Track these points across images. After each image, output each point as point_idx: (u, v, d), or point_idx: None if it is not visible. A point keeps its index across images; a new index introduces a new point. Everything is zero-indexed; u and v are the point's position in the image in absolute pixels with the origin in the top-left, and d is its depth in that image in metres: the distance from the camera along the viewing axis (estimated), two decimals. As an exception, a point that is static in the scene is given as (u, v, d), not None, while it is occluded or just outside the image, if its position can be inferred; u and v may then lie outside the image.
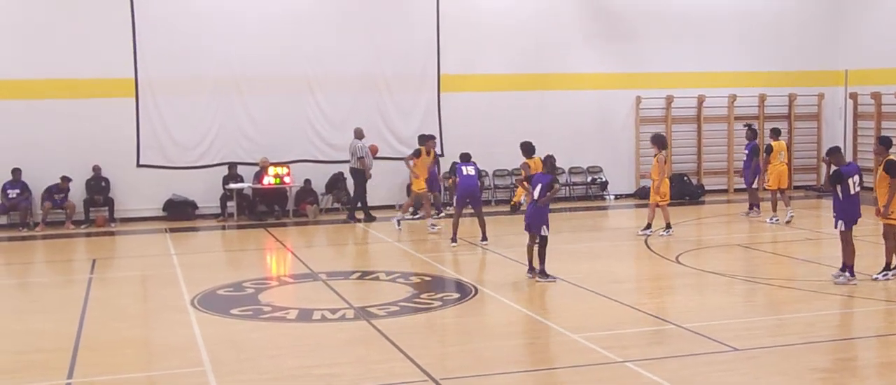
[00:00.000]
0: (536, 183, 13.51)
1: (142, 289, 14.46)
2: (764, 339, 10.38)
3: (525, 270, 13.73)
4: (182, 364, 9.73)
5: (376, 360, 9.65)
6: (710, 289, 13.35)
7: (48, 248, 18.88)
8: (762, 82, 25.30)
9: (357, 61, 22.32)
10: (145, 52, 21.09)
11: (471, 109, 23.14)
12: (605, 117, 24.00)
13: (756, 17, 25.04)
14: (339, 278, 14.14)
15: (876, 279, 12.91)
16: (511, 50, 23.44)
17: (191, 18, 21.31)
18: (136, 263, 16.83)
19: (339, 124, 22.38)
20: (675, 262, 15.02)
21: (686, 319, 10.91)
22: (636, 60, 24.36)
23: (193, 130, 21.61)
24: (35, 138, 20.66)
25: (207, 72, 21.44)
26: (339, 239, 19.54)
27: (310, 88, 22.22)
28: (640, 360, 9.37)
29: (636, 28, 24.28)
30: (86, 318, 11.77)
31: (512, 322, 11.49)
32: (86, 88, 20.92)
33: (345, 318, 11.47)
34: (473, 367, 9.42)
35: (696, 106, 24.94)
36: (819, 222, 20.37)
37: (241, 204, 21.49)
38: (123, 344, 10.69)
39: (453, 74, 23.03)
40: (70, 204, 20.65)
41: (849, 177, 12.72)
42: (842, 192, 12.73)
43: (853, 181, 12.72)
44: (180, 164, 21.53)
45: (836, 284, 12.68)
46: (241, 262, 17.03)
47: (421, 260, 15.74)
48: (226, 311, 11.96)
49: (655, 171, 17.58)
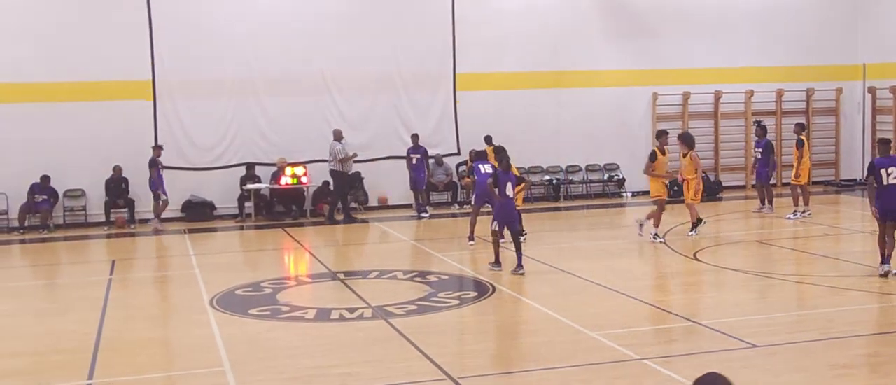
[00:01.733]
0: (505, 182, 13.78)
1: (161, 289, 14.54)
2: (783, 335, 10.33)
3: (537, 266, 13.73)
4: (201, 364, 9.78)
5: (394, 360, 9.66)
6: (729, 285, 13.31)
7: (69, 250, 19.02)
8: (779, 77, 25.17)
9: (373, 61, 22.36)
10: (163, 54, 21.20)
11: (487, 108, 23.13)
12: (622, 114, 23.95)
13: (773, 11, 24.91)
14: (357, 278, 14.18)
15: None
16: (527, 48, 23.42)
17: (208, 20, 21.41)
18: (155, 264, 16.93)
19: (357, 124, 22.43)
20: (693, 258, 14.98)
21: (705, 316, 10.89)
22: (653, 57, 24.29)
23: (211, 132, 21.70)
24: (55, 141, 20.81)
25: (225, 73, 21.54)
26: (357, 238, 19.58)
27: (327, 89, 22.28)
28: (658, 357, 9.35)
29: (652, 24, 24.21)
30: (106, 318, 11.85)
31: (530, 320, 11.49)
32: (105, 91, 21.05)
33: (363, 318, 11.50)
34: (492, 365, 9.43)
35: (713, 102, 24.85)
36: (838, 218, 20.27)
37: (259, 204, 21.57)
38: (143, 344, 10.76)
39: (469, 73, 23.04)
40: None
41: (882, 168, 12.78)
42: (877, 183, 12.80)
43: (887, 172, 12.76)
44: (198, 165, 21.63)
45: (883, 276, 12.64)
46: (259, 262, 17.09)
47: (438, 259, 15.75)
48: (244, 311, 12.01)
49: (689, 171, 17.03)
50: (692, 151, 17.08)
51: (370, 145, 22.54)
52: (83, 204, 21.24)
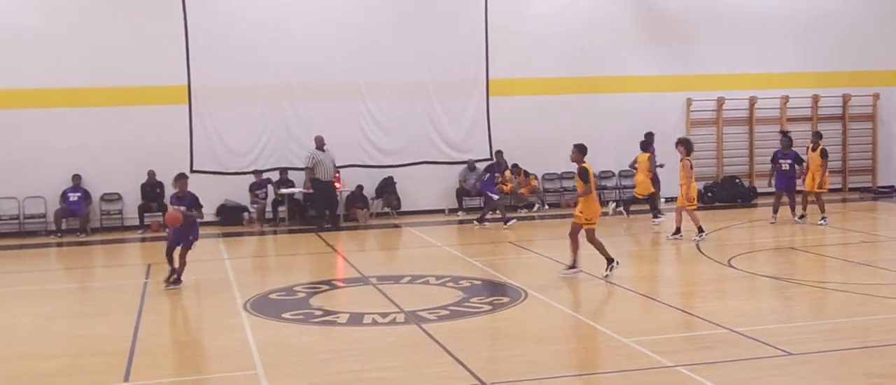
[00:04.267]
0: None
1: (195, 293, 14.64)
2: (818, 343, 10.23)
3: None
4: (235, 367, 9.85)
5: (427, 365, 9.67)
6: (763, 292, 13.20)
7: (105, 254, 19.23)
8: (815, 83, 24.96)
9: (407, 67, 22.44)
10: (198, 59, 21.41)
11: (520, 114, 23.12)
12: (655, 120, 23.82)
13: (809, 16, 24.73)
14: (390, 282, 14.21)
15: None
16: (560, 53, 23.40)
17: (243, 26, 21.60)
18: (189, 268, 16.97)
19: (390, 129, 22.54)
20: (726, 265, 14.87)
21: (738, 323, 10.80)
22: (687, 62, 24.18)
23: (246, 136, 21.87)
24: (92, 144, 21.10)
25: (259, 78, 21.71)
26: (390, 243, 19.63)
27: (360, 94, 22.38)
28: (691, 364, 9.29)
29: (687, 29, 24.10)
30: (141, 321, 11.97)
31: (562, 326, 11.46)
32: (141, 96, 21.31)
33: (395, 322, 11.52)
34: (524, 371, 9.41)
35: (748, 107, 24.67)
36: (875, 225, 20.05)
37: (292, 209, 21.69)
38: (178, 347, 10.86)
39: (502, 78, 23.05)
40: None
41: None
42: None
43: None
44: (233, 169, 21.80)
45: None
46: (292, 266, 17.17)
47: (470, 264, 15.75)
48: (277, 315, 12.08)
49: (683, 176, 17.31)
50: (688, 157, 17.18)
51: (403, 150, 22.64)
52: (119, 208, 21.48)
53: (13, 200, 21.06)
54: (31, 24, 20.90)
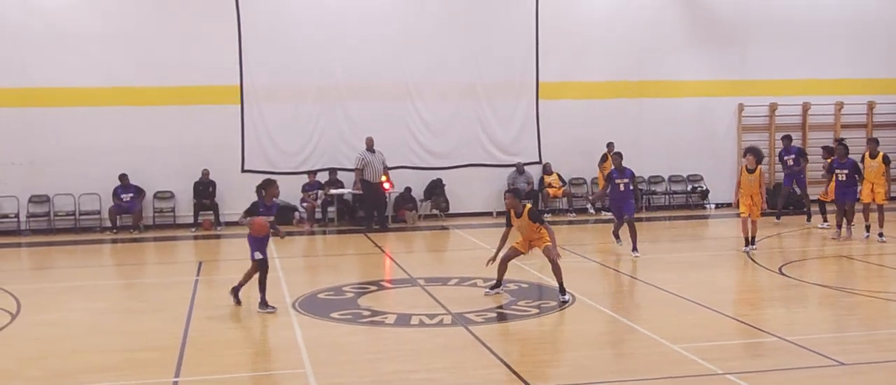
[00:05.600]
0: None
1: (245, 291, 14.77)
2: (872, 353, 10.06)
3: (618, 277, 13.62)
4: (283, 365, 9.94)
5: (474, 366, 9.68)
6: (815, 301, 13.02)
7: (157, 251, 19.51)
8: (871, 89, 24.57)
9: (456, 69, 22.48)
10: (250, 60, 21.63)
11: (570, 117, 23.05)
12: (706, 125, 23.64)
13: (864, 21, 24.34)
14: (437, 284, 14.24)
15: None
16: (610, 57, 23.29)
17: (294, 28, 21.79)
18: (240, 266, 17.18)
19: (439, 131, 22.60)
20: (777, 273, 14.68)
21: (789, 332, 10.66)
22: (739, 67, 23.94)
23: (296, 137, 22.06)
24: (146, 143, 21.44)
25: (310, 79, 21.89)
26: (438, 245, 19.66)
27: (409, 96, 22.47)
28: (741, 372, 9.20)
29: (739, 34, 23.87)
30: (192, 318, 12.12)
31: (610, 331, 11.40)
32: (195, 96, 21.60)
33: (442, 324, 11.54)
34: (571, 375, 9.38)
35: (801, 114, 24.34)
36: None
37: (341, 210, 21.82)
38: (227, 344, 10.97)
39: (552, 82, 22.99)
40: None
41: None
42: None
43: None
44: (283, 169, 21.99)
45: None
46: (340, 266, 17.28)
47: (518, 267, 15.73)
48: (326, 315, 12.16)
49: (759, 186, 16.33)
50: (760, 166, 16.35)
51: (452, 152, 22.70)
52: (172, 206, 21.79)
53: (69, 197, 21.45)
54: (87, 25, 21.28)
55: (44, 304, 13.45)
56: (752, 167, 16.16)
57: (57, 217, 21.41)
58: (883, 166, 17.85)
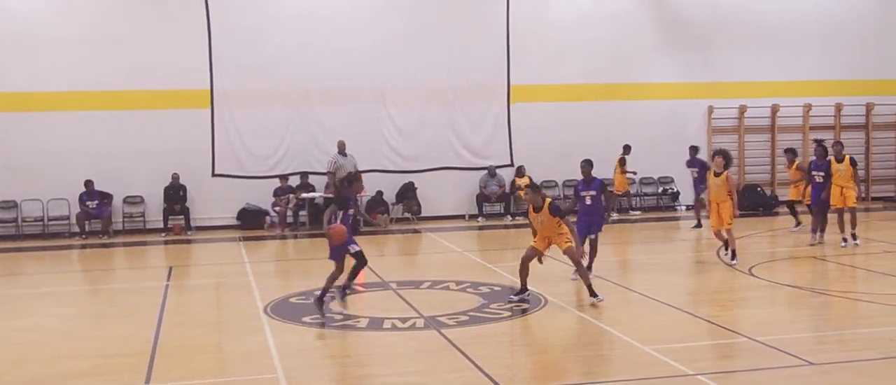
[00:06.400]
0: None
1: (216, 296, 14.72)
2: (841, 353, 10.16)
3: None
4: (255, 370, 9.88)
5: (446, 370, 9.68)
6: (785, 301, 13.13)
7: (127, 256, 19.36)
8: (838, 91, 24.82)
9: (428, 73, 22.48)
10: (221, 63, 21.53)
11: (541, 120, 23.12)
12: (676, 127, 23.78)
13: (832, 24, 24.60)
14: (410, 287, 14.23)
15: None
16: (581, 60, 23.39)
17: (266, 31, 21.71)
18: (210, 271, 17.15)
19: (411, 135, 22.60)
20: (748, 274, 14.79)
21: (760, 332, 10.74)
22: (708, 69, 24.12)
23: (267, 140, 21.97)
24: (114, 147, 21.28)
25: (281, 83, 21.80)
26: (410, 248, 19.65)
27: (381, 99, 22.44)
28: (712, 373, 9.26)
29: (708, 37, 24.05)
30: (162, 324, 12.03)
31: (583, 333, 11.44)
32: (164, 100, 21.46)
33: (415, 328, 11.52)
34: (543, 377, 9.40)
35: (770, 115, 24.56)
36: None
37: (313, 213, 21.76)
38: (198, 350, 10.90)
39: (524, 85, 23.05)
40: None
41: None
42: None
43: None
44: (254, 173, 21.89)
45: None
46: (312, 270, 17.20)
47: (490, 270, 15.75)
48: (297, 319, 12.12)
49: (728, 191, 15.32)
50: (728, 171, 15.44)
51: (424, 156, 22.70)
52: (142, 210, 21.63)
53: (37, 202, 21.24)
54: (56, 29, 21.09)
55: (15, 310, 13.32)
56: (719, 170, 15.32)
57: (25, 223, 21.20)
58: (851, 169, 17.48)
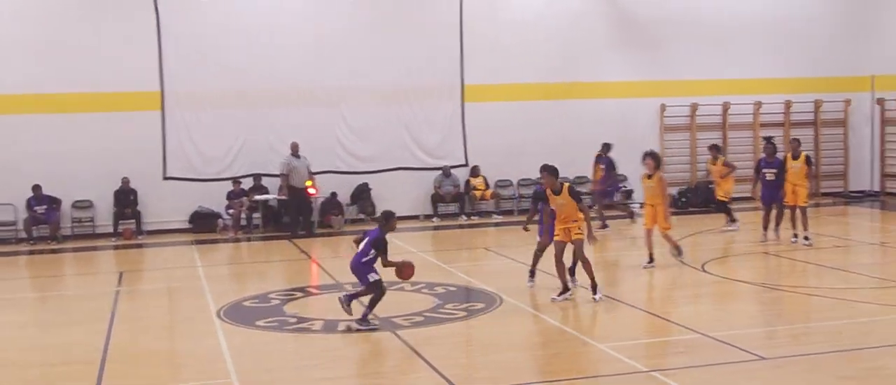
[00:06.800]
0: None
1: (168, 301, 14.55)
2: (791, 347, 10.31)
3: (544, 278, 13.70)
4: (208, 376, 9.77)
5: (401, 371, 9.66)
6: (737, 297, 13.27)
7: (76, 262, 19.06)
8: (788, 89, 25.15)
9: (382, 73, 22.39)
10: (171, 65, 21.27)
11: (495, 119, 23.15)
12: (629, 126, 23.89)
13: (781, 23, 24.90)
14: (364, 289, 14.13)
15: None
16: (535, 59, 23.44)
17: (216, 31, 21.47)
18: (162, 276, 16.95)
19: (364, 136, 22.51)
20: (701, 270, 14.93)
21: (712, 328, 10.84)
22: (661, 68, 24.30)
23: (219, 143, 21.74)
24: (63, 151, 20.92)
25: (233, 84, 21.58)
26: (365, 250, 19.54)
27: (335, 100, 22.31)
28: (666, 369, 9.33)
29: (661, 36, 24.22)
30: (113, 330, 11.86)
31: (538, 332, 11.46)
32: (114, 102, 21.14)
33: (370, 329, 11.47)
34: (498, 377, 9.40)
35: (721, 113, 24.81)
36: (847, 229, 20.21)
37: (267, 216, 21.60)
38: (150, 356, 10.76)
39: (477, 84, 23.05)
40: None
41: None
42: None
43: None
44: (206, 176, 21.66)
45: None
46: (266, 273, 17.10)
47: (446, 270, 15.74)
48: (251, 323, 12.01)
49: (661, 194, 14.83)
50: (660, 172, 14.94)
51: (378, 157, 22.60)
52: (91, 215, 21.30)
53: (-17, 208, 20.85)
54: (2, 30, 20.69)
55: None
56: (650, 172, 14.74)
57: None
58: (805, 167, 17.30)
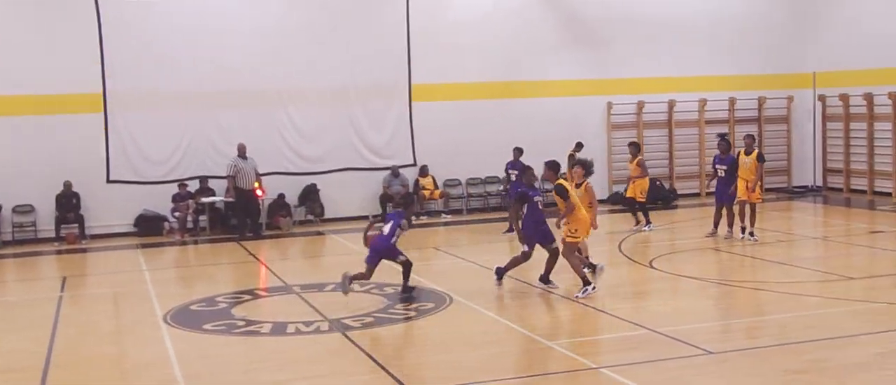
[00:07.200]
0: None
1: (113, 306, 14.31)
2: (738, 341, 10.43)
3: (493, 276, 13.73)
4: (155, 381, 9.63)
5: (352, 373, 9.60)
6: (685, 293, 13.40)
7: (18, 267, 18.66)
8: (732, 86, 25.48)
9: (328, 73, 22.26)
10: (114, 66, 20.93)
11: (444, 119, 23.14)
12: (577, 124, 24.00)
13: (726, 21, 25.22)
14: (313, 291, 14.07)
15: None
16: (482, 59, 23.47)
17: (159, 32, 21.17)
18: (107, 280, 16.68)
19: (312, 136, 22.37)
20: (648, 266, 15.06)
21: (661, 324, 10.93)
22: (607, 66, 24.47)
23: (164, 145, 21.45)
24: (4, 155, 20.49)
25: (177, 85, 21.29)
26: (313, 251, 19.45)
27: (281, 100, 22.13)
28: (615, 366, 9.38)
29: (607, 34, 24.39)
30: (56, 336, 11.63)
31: (488, 331, 11.46)
32: (54, 104, 20.73)
33: (319, 331, 11.40)
34: (449, 377, 9.38)
35: (667, 111, 25.06)
36: (791, 224, 20.52)
37: (213, 218, 21.35)
38: (95, 362, 10.58)
39: (425, 84, 23.03)
40: None
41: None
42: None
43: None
44: (151, 178, 21.36)
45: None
46: (213, 276, 16.90)
47: (395, 270, 15.68)
48: (199, 327, 11.86)
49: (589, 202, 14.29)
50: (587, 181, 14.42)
51: (325, 157, 22.49)
52: (32, 220, 20.87)
53: (-80, 214, 20.36)
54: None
55: None
56: (579, 181, 14.23)
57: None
58: (756, 164, 17.23)
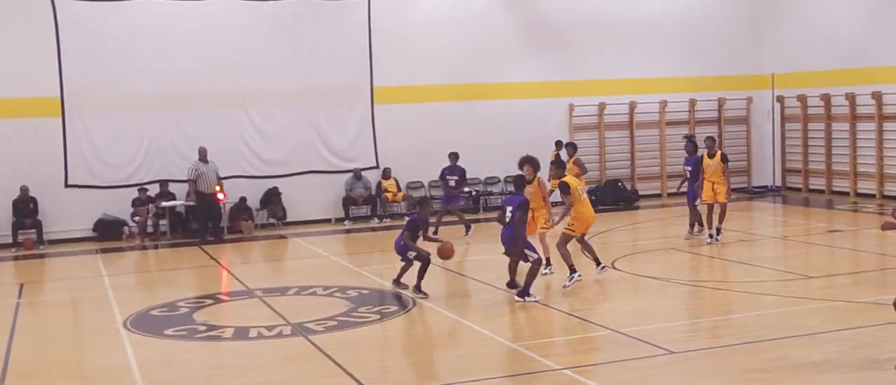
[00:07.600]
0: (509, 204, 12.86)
1: (72, 312, 14.13)
2: (699, 341, 10.51)
3: (457, 278, 13.73)
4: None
5: (315, 377, 9.55)
6: (647, 293, 13.47)
7: (-26, 273, 18.37)
8: (692, 87, 25.67)
9: (289, 75, 22.15)
10: (71, 69, 20.67)
11: (406, 121, 23.11)
12: (539, 125, 24.08)
13: (685, 23, 25.42)
14: (276, 295, 13.98)
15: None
16: (444, 61, 23.47)
17: (118, 34, 20.93)
18: (66, 286, 16.47)
19: (273, 139, 22.24)
20: (611, 267, 15.13)
21: (623, 324, 10.98)
22: (569, 68, 24.56)
23: (123, 149, 21.21)
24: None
25: (136, 88, 21.07)
26: (276, 254, 19.33)
27: (242, 103, 21.99)
28: (577, 366, 9.41)
29: (568, 37, 24.49)
30: (14, 344, 11.46)
31: (451, 333, 11.46)
32: (11, 108, 20.43)
33: (282, 335, 11.33)
34: (413, 380, 9.38)
35: (628, 112, 25.22)
36: (750, 224, 20.72)
37: (174, 222, 21.16)
38: (54, 368, 10.43)
39: (387, 86, 22.98)
40: None
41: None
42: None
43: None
44: (110, 183, 21.12)
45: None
46: (174, 281, 16.75)
47: (358, 273, 15.65)
48: (160, 332, 11.75)
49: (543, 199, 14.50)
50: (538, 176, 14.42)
51: (287, 160, 22.37)
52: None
53: None
54: None
55: None
56: (530, 178, 14.01)
57: None
58: (722, 165, 17.15)
